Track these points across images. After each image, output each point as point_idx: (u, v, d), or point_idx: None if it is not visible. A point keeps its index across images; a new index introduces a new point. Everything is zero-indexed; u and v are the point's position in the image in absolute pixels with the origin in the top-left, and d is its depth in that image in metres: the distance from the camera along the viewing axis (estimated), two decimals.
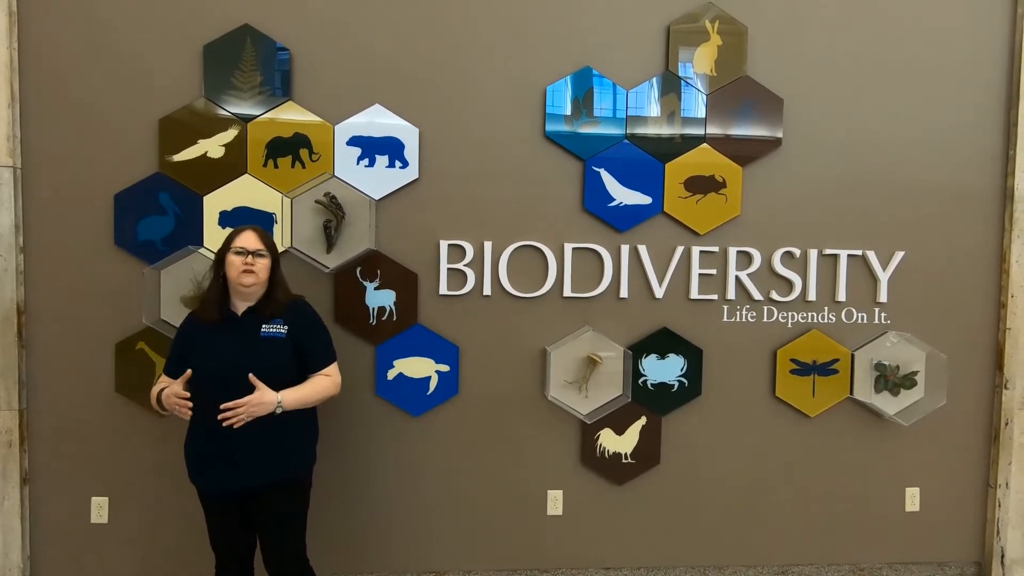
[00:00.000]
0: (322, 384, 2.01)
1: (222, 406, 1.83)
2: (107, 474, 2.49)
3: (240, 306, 1.97)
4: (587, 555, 2.67)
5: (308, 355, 2.00)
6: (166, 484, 2.48)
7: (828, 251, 2.65)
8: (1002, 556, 2.77)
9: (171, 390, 1.85)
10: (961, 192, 2.69)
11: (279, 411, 1.89)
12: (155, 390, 1.97)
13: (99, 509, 2.50)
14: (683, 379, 2.63)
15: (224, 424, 1.83)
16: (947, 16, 2.65)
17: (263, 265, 1.94)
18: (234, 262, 1.91)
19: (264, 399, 1.86)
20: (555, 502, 2.64)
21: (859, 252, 2.66)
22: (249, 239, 1.94)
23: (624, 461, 2.64)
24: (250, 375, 1.85)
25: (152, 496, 2.50)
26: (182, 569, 2.52)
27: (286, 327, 1.97)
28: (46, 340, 2.44)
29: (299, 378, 1.99)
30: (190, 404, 1.84)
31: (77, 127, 2.41)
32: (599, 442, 2.63)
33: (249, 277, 1.91)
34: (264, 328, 1.95)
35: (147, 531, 2.51)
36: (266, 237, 1.99)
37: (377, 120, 2.49)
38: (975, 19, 2.66)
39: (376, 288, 2.50)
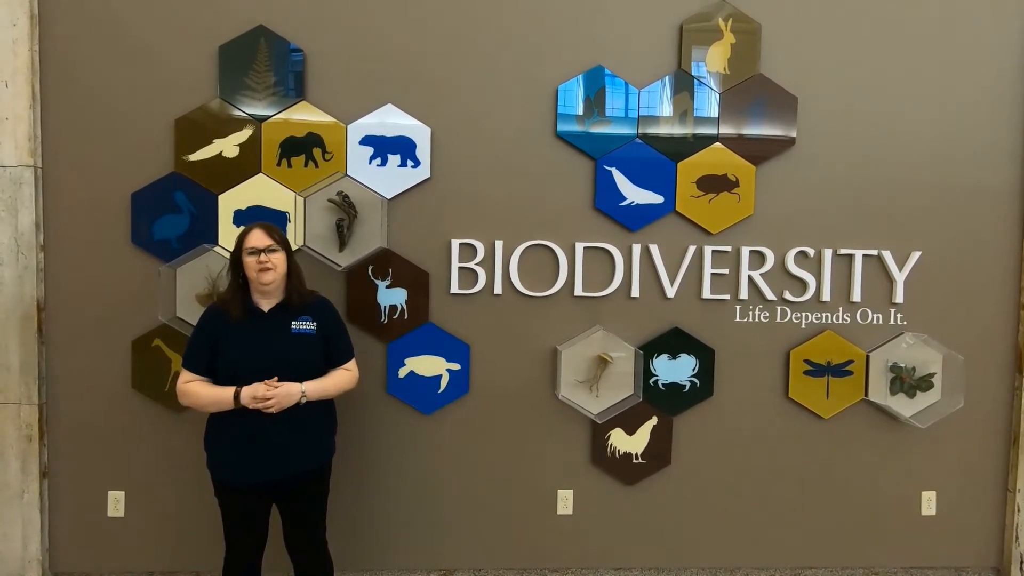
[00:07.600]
0: (343, 377, 2.08)
1: (255, 395, 1.88)
2: (124, 468, 2.53)
3: (264, 303, 1.99)
4: (597, 555, 2.67)
5: (332, 351, 2.07)
6: (182, 479, 2.52)
7: (843, 251, 2.62)
8: (1021, 562, 2.72)
9: (257, 387, 1.89)
10: (979, 191, 2.65)
11: (303, 401, 1.94)
12: (195, 387, 1.94)
13: (116, 503, 2.54)
14: (695, 379, 2.62)
15: (264, 410, 1.89)
16: (964, 12, 2.61)
17: (278, 259, 1.96)
18: (249, 263, 1.93)
19: (290, 390, 1.92)
20: (565, 501, 2.64)
21: (875, 252, 2.63)
22: (258, 238, 1.95)
23: (635, 461, 2.63)
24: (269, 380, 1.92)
25: (168, 490, 2.54)
26: (197, 562, 2.56)
27: (315, 323, 2.03)
28: (65, 336, 2.48)
29: (325, 372, 2.06)
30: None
31: (96, 128, 2.45)
32: (610, 442, 2.62)
33: (267, 275, 1.93)
34: (295, 325, 2.00)
35: (163, 525, 2.55)
36: (274, 231, 1.99)
37: (389, 120, 2.51)
38: (992, 15, 2.62)
39: (388, 286, 2.52)
